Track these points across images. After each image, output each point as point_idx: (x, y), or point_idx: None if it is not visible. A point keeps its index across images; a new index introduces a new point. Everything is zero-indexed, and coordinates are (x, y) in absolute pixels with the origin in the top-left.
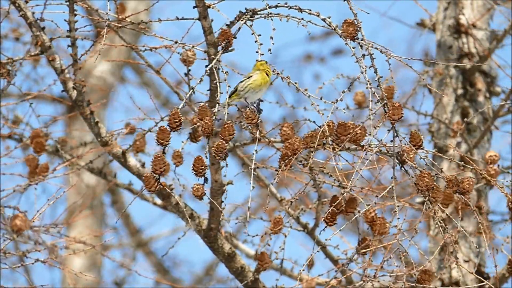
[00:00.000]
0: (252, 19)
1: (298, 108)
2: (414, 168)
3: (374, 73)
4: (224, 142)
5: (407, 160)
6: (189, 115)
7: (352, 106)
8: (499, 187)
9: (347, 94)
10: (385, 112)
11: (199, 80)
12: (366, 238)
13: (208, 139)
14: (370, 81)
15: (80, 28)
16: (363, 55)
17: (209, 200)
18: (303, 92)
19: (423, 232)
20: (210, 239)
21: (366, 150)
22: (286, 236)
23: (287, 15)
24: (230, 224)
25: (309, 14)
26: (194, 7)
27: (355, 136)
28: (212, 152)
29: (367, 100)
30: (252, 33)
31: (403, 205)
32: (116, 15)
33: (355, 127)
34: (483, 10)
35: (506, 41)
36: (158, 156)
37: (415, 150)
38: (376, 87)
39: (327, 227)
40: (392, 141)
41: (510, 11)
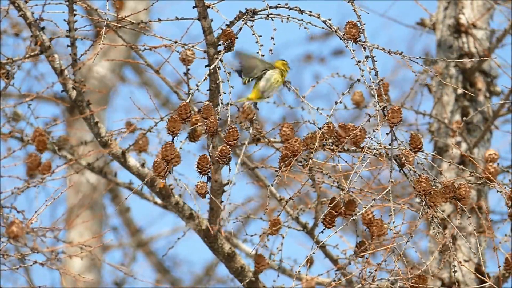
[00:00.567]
0: (252, 19)
1: (296, 108)
2: (413, 171)
3: (375, 75)
4: (228, 146)
5: (406, 163)
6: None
7: (350, 106)
8: (497, 184)
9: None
10: (384, 115)
11: (204, 78)
12: (365, 241)
13: (212, 138)
14: (371, 85)
15: (79, 28)
16: (366, 57)
17: (209, 200)
18: (302, 99)
19: (423, 232)
20: (210, 239)
21: (365, 152)
22: (284, 238)
23: (287, 16)
24: (230, 224)
25: (309, 15)
26: (193, 7)
27: (355, 138)
28: (216, 157)
29: (367, 101)
30: (253, 33)
31: (401, 207)
32: (115, 14)
33: (355, 129)
34: (483, 10)
35: (506, 40)
36: (168, 143)
37: (413, 154)
38: (377, 89)
39: (326, 229)
40: (390, 144)
41: (510, 11)
